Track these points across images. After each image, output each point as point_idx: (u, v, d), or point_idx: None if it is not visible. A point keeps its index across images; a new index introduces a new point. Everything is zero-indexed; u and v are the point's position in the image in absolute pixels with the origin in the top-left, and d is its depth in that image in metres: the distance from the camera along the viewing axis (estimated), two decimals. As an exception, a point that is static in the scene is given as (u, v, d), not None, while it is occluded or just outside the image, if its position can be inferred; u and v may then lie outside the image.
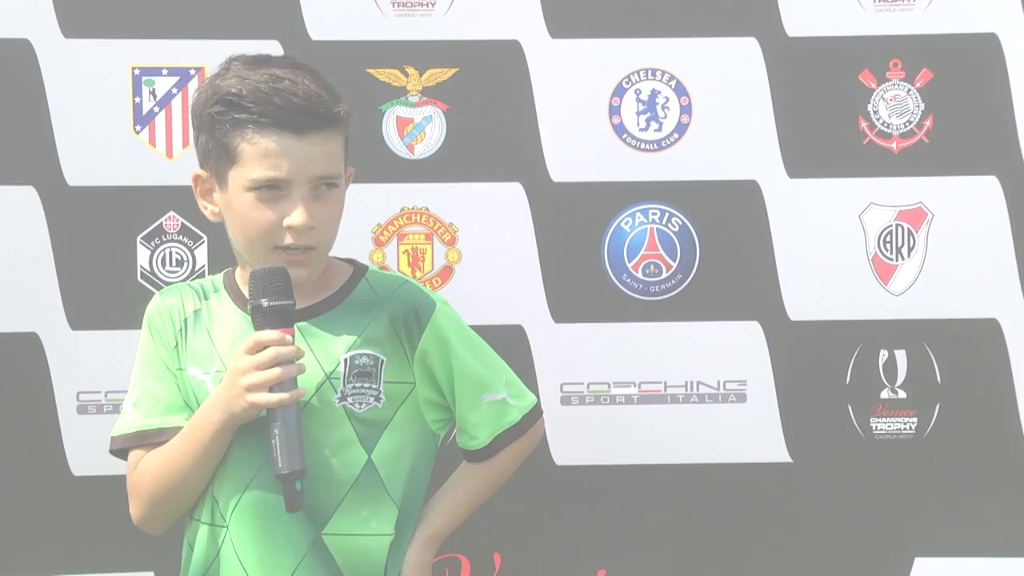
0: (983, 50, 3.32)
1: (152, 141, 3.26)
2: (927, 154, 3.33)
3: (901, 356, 3.34)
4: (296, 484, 2.35)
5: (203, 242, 3.28)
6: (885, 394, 3.35)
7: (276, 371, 2.33)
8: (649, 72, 3.32)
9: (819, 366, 3.33)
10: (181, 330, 2.53)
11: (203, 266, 3.28)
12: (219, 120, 2.42)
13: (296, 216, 2.39)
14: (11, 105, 3.23)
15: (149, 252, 3.27)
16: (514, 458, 2.62)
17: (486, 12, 3.29)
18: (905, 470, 3.34)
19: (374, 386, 2.46)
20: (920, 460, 3.34)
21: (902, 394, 3.35)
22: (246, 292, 2.48)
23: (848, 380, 3.34)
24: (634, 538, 3.32)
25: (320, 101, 2.40)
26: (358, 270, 2.57)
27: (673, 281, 3.33)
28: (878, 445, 3.34)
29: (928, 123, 3.34)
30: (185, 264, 3.27)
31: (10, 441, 3.25)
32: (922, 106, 3.34)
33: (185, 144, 3.26)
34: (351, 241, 3.22)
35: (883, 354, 3.34)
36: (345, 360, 2.45)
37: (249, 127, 2.38)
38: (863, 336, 3.33)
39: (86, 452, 3.25)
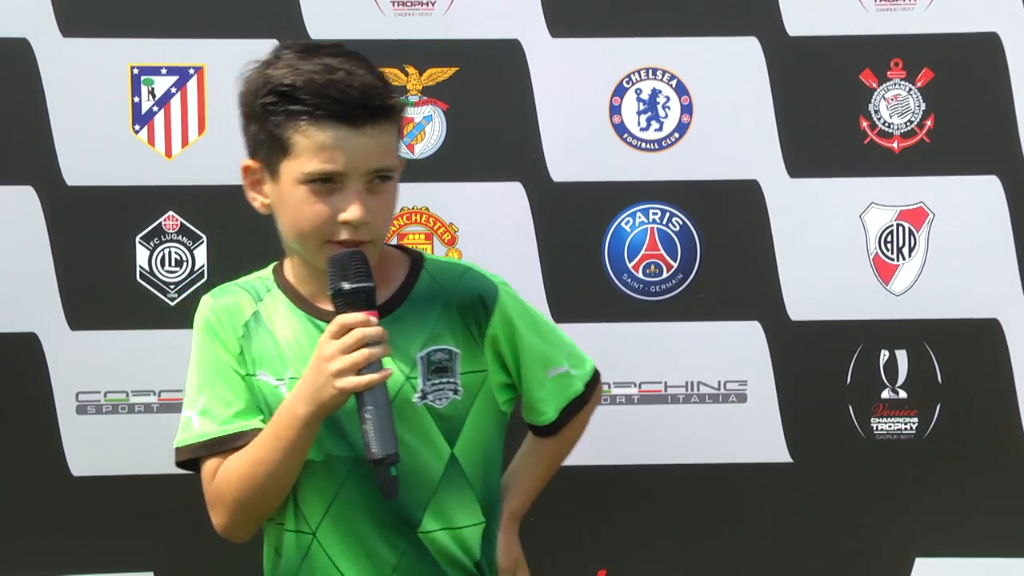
0: (984, 50, 3.32)
1: (151, 141, 3.26)
2: (928, 154, 3.33)
3: (902, 356, 3.34)
4: (391, 469, 2.27)
5: (202, 242, 3.27)
6: (886, 394, 3.35)
7: (363, 352, 2.25)
8: (650, 71, 3.31)
9: (820, 366, 3.33)
10: (244, 335, 2.43)
11: (202, 266, 3.27)
12: (272, 111, 2.34)
13: (352, 211, 2.31)
14: (10, 105, 3.23)
15: (148, 252, 3.26)
16: (580, 426, 2.59)
17: (486, 11, 3.28)
18: (906, 470, 3.34)
19: (451, 380, 2.41)
20: (921, 460, 3.33)
21: (903, 394, 3.35)
22: (300, 289, 2.43)
23: (849, 380, 3.34)
24: (634, 538, 3.31)
25: (376, 93, 2.32)
26: (416, 261, 2.48)
27: (674, 281, 3.32)
28: (879, 445, 3.34)
29: (929, 123, 3.33)
30: (184, 264, 3.27)
31: (9, 441, 3.25)
32: (923, 106, 3.33)
33: (184, 144, 3.26)
34: (351, 241, 3.25)
35: (884, 354, 3.34)
36: (421, 358, 2.40)
37: (303, 119, 2.31)
38: (864, 336, 3.33)
39: (85, 452, 3.25)
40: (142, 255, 3.26)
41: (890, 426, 3.34)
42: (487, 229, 3.28)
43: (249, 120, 2.39)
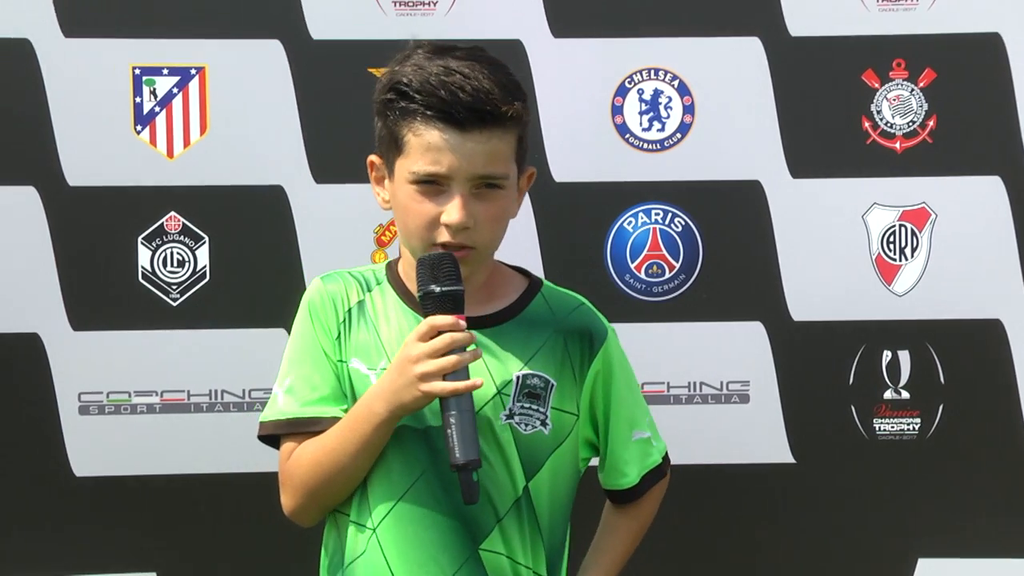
0: (986, 50, 3.31)
1: (153, 141, 3.25)
2: (930, 154, 3.33)
3: (904, 356, 3.34)
4: (474, 475, 2.24)
5: (204, 242, 3.27)
6: (888, 394, 3.34)
7: (453, 358, 2.24)
8: (652, 72, 3.31)
9: (822, 366, 3.33)
10: (345, 320, 2.42)
11: (204, 266, 3.27)
12: (390, 108, 2.36)
13: (451, 214, 2.31)
14: (11, 105, 3.23)
15: (150, 252, 3.26)
16: (655, 504, 2.56)
17: (488, 11, 3.28)
18: (908, 471, 3.33)
19: (541, 409, 2.39)
20: (923, 461, 3.33)
21: (905, 395, 3.34)
22: (411, 286, 2.41)
23: (851, 380, 3.33)
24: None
25: (488, 98, 2.31)
26: (533, 284, 2.48)
27: (676, 281, 3.32)
28: (881, 446, 3.33)
29: (931, 123, 3.33)
30: (186, 264, 3.27)
31: (12, 442, 3.24)
32: (925, 106, 3.33)
33: (186, 144, 3.26)
34: (353, 241, 3.26)
35: (886, 354, 3.34)
36: (518, 378, 2.38)
37: (417, 118, 2.32)
38: (866, 336, 3.33)
39: (88, 453, 3.25)
40: (144, 255, 3.26)
41: (893, 426, 3.34)
42: (489, 229, 3.28)
43: (376, 115, 2.41)
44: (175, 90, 3.25)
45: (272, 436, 2.45)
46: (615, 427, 2.47)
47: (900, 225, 3.33)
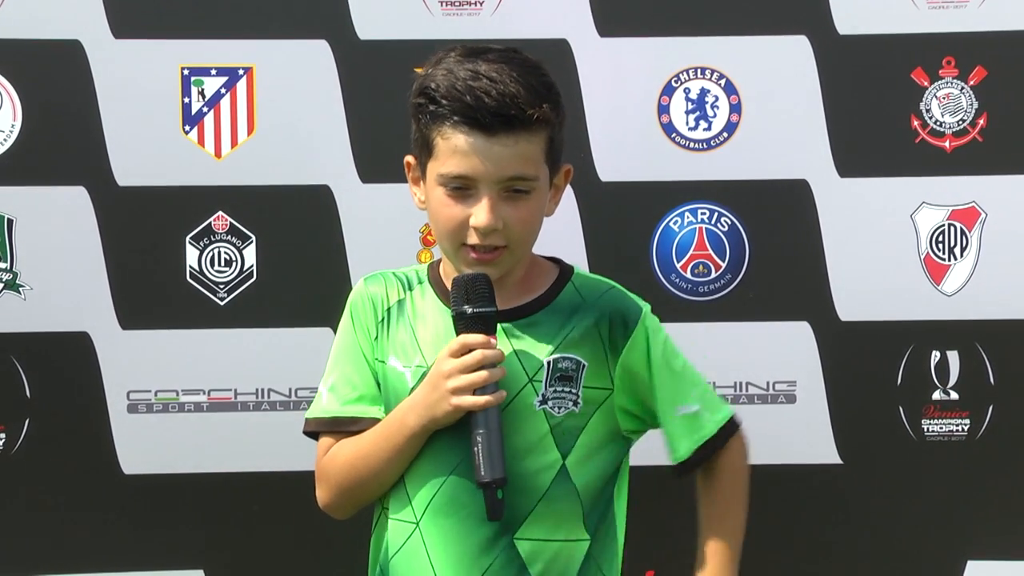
0: (1038, 47, 3.29)
1: (201, 141, 3.27)
2: (980, 153, 3.30)
3: (953, 357, 3.31)
4: (498, 492, 2.33)
5: (251, 242, 3.29)
6: (937, 395, 3.32)
7: (483, 374, 2.32)
8: (698, 71, 3.30)
9: (870, 367, 3.31)
10: (383, 320, 2.50)
11: (251, 266, 3.29)
12: (421, 112, 2.41)
13: (479, 217, 2.35)
14: (62, 106, 3.25)
15: (198, 252, 3.28)
16: (734, 470, 2.60)
17: (534, 10, 3.28)
18: (957, 472, 3.31)
19: (574, 390, 2.44)
20: (972, 462, 3.31)
21: (954, 395, 3.32)
22: (449, 286, 2.44)
23: (899, 381, 3.31)
24: (682, 539, 3.30)
25: (513, 102, 2.33)
26: (564, 272, 2.53)
27: (722, 281, 3.31)
28: (929, 447, 3.31)
29: (982, 121, 3.30)
30: (234, 264, 3.28)
31: (62, 440, 3.27)
32: (976, 104, 3.30)
33: (234, 144, 3.27)
34: (399, 240, 3.26)
35: (935, 355, 3.31)
36: (548, 363, 2.43)
37: (445, 123, 2.36)
38: (915, 336, 3.31)
39: (136, 450, 3.28)
40: (192, 255, 3.28)
41: (941, 427, 3.31)
42: (535, 229, 3.28)
43: (410, 117, 2.46)
44: (223, 90, 3.27)
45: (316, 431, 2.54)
46: (658, 403, 2.50)
47: (949, 224, 3.31)
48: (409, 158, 2.49)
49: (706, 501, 2.59)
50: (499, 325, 2.40)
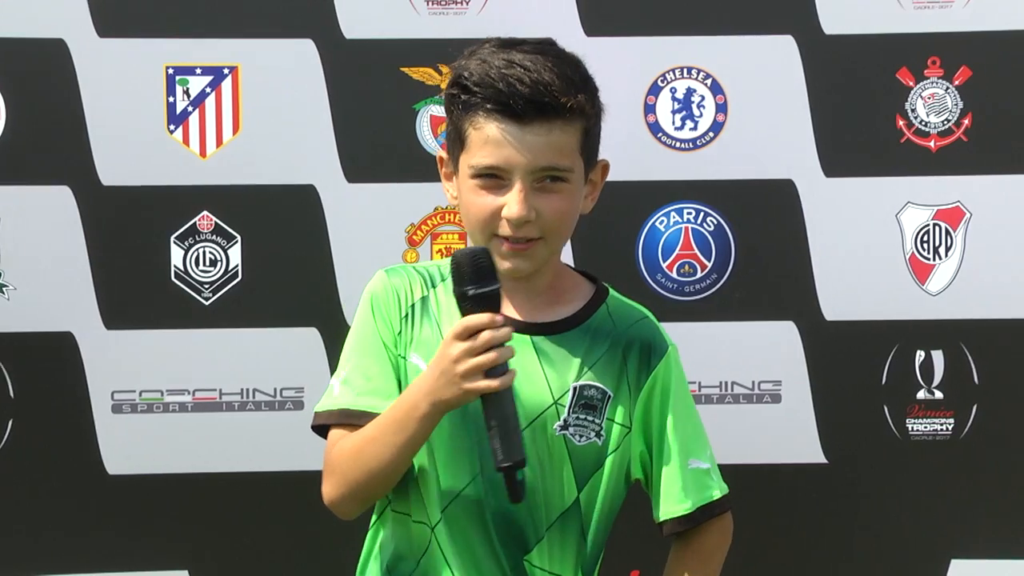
0: (1022, 47, 3.29)
1: (186, 140, 3.27)
2: (965, 153, 3.31)
3: (938, 356, 3.32)
4: (518, 474, 2.22)
5: (237, 242, 3.28)
6: (921, 395, 3.33)
7: (492, 355, 2.20)
8: (685, 70, 3.30)
9: (855, 366, 3.31)
10: (407, 316, 2.40)
11: (236, 266, 3.28)
12: (454, 103, 2.35)
13: (511, 207, 2.28)
14: (46, 105, 3.24)
15: (183, 252, 3.27)
16: (717, 548, 2.49)
17: (520, 10, 3.28)
18: (941, 471, 3.32)
19: (597, 420, 2.36)
20: (957, 461, 3.31)
21: (939, 395, 3.32)
22: None
23: (884, 380, 3.32)
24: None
25: (547, 90, 2.27)
26: (599, 292, 2.45)
27: (708, 281, 3.31)
28: (914, 446, 3.32)
29: (967, 121, 3.31)
30: (219, 264, 3.28)
31: (46, 440, 3.27)
32: (961, 104, 3.31)
33: (219, 144, 3.27)
34: (384, 240, 3.26)
35: (920, 354, 3.32)
36: (575, 388, 2.35)
37: (479, 113, 2.30)
38: (899, 336, 3.31)
39: (121, 451, 3.27)
40: (177, 255, 3.27)
41: (926, 427, 3.32)
42: (521, 229, 3.27)
43: (445, 110, 2.40)
44: (208, 89, 3.26)
45: (324, 427, 2.41)
46: (669, 450, 2.40)
47: (934, 224, 3.31)
48: (441, 153, 2.43)
49: (682, 568, 2.47)
50: (530, 338, 2.34)
